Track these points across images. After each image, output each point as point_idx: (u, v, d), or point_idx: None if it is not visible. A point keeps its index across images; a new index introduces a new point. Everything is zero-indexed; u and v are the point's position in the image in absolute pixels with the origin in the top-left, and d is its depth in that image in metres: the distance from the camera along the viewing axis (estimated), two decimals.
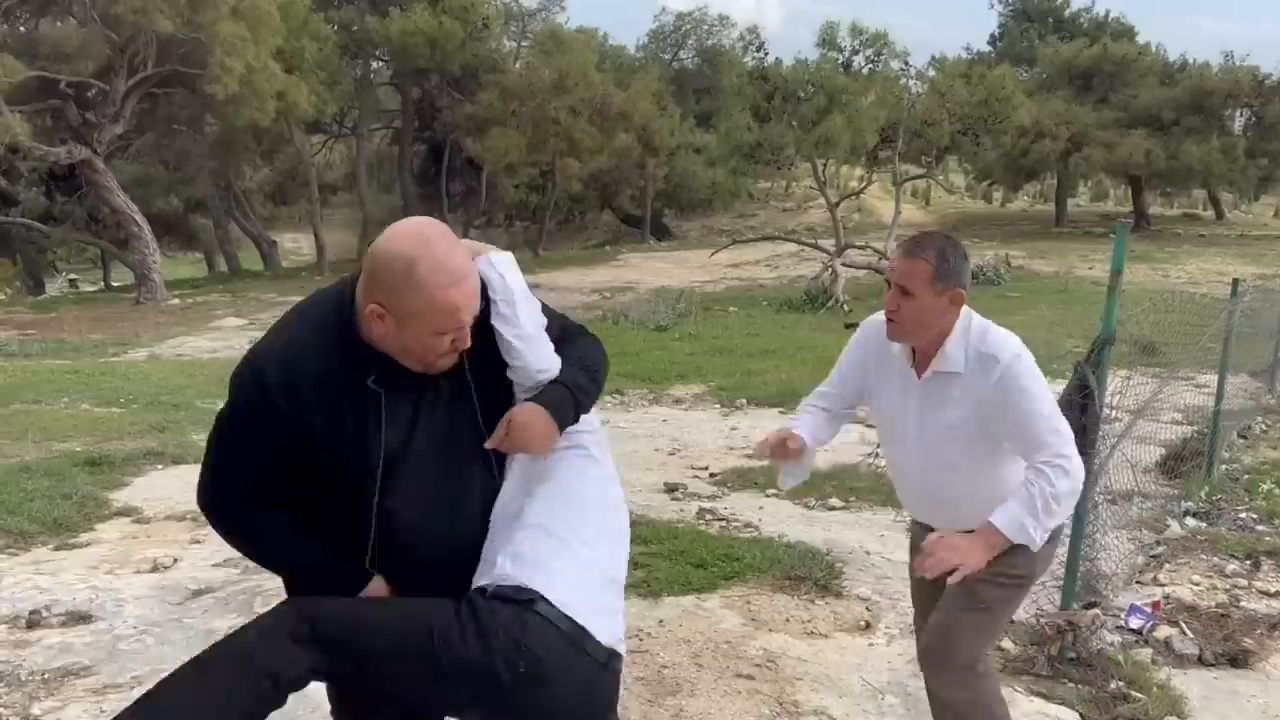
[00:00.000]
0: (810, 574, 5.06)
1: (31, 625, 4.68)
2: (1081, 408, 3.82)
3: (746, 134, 27.26)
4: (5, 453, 7.99)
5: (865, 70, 26.91)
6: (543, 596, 2.03)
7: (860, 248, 22.54)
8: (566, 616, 2.03)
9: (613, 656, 2.11)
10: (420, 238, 2.07)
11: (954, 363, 2.80)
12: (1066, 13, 47.63)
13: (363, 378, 2.09)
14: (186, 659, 2.04)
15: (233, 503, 2.19)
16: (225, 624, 4.65)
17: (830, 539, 5.72)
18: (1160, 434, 7.34)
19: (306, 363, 2.10)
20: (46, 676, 4.16)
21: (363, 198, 35.93)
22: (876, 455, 6.58)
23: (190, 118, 28.34)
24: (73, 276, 38.38)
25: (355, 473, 2.11)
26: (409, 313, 2.04)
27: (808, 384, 11.54)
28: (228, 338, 17.44)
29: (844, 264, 20.39)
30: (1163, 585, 5.09)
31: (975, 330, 2.83)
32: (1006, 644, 4.27)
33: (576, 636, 2.03)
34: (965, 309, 2.84)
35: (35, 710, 3.88)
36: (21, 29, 25.05)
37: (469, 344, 2.12)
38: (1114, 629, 4.44)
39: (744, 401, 10.35)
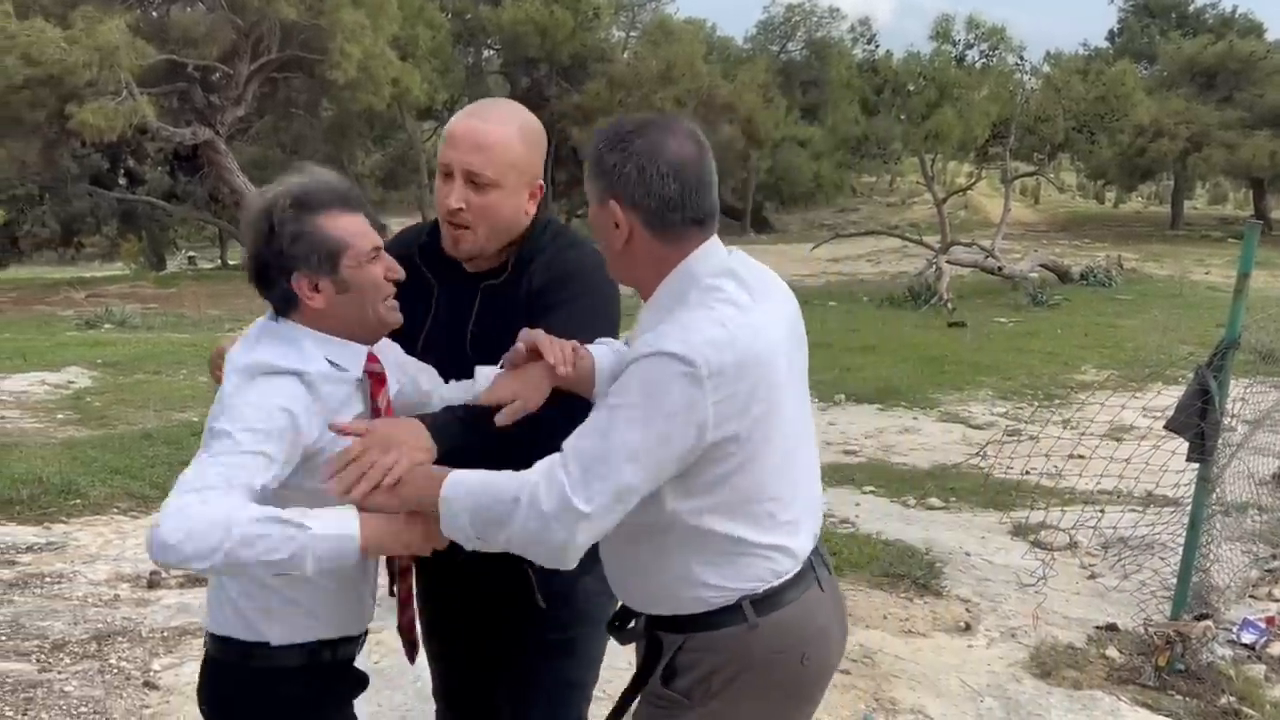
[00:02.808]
0: (909, 572, 5.02)
1: (152, 585, 4.90)
2: (1201, 413, 3.71)
3: (854, 127, 27.01)
4: (129, 420, 8.36)
5: (979, 64, 26.45)
6: None
7: (967, 245, 22.11)
8: None
9: None
10: None
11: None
12: (1191, 8, 46.04)
13: (415, 259, 2.20)
14: None
15: None
16: None
17: (929, 538, 5.66)
18: (1279, 445, 7.07)
19: (407, 237, 2.32)
20: (165, 634, 4.35)
21: None
22: (982, 454, 6.48)
23: (308, 102, 29.13)
24: (192, 254, 39.75)
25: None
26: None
27: (909, 381, 11.36)
28: None
29: (949, 261, 20.03)
30: (1277, 600, 4.92)
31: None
32: (1112, 652, 4.18)
33: None
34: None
35: (155, 666, 4.06)
36: (154, 14, 26.05)
37: (455, 206, 2.08)
38: (1225, 642, 4.30)
39: (842, 397, 10.25)
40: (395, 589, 2.17)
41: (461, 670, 2.49)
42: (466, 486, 1.78)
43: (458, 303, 2.20)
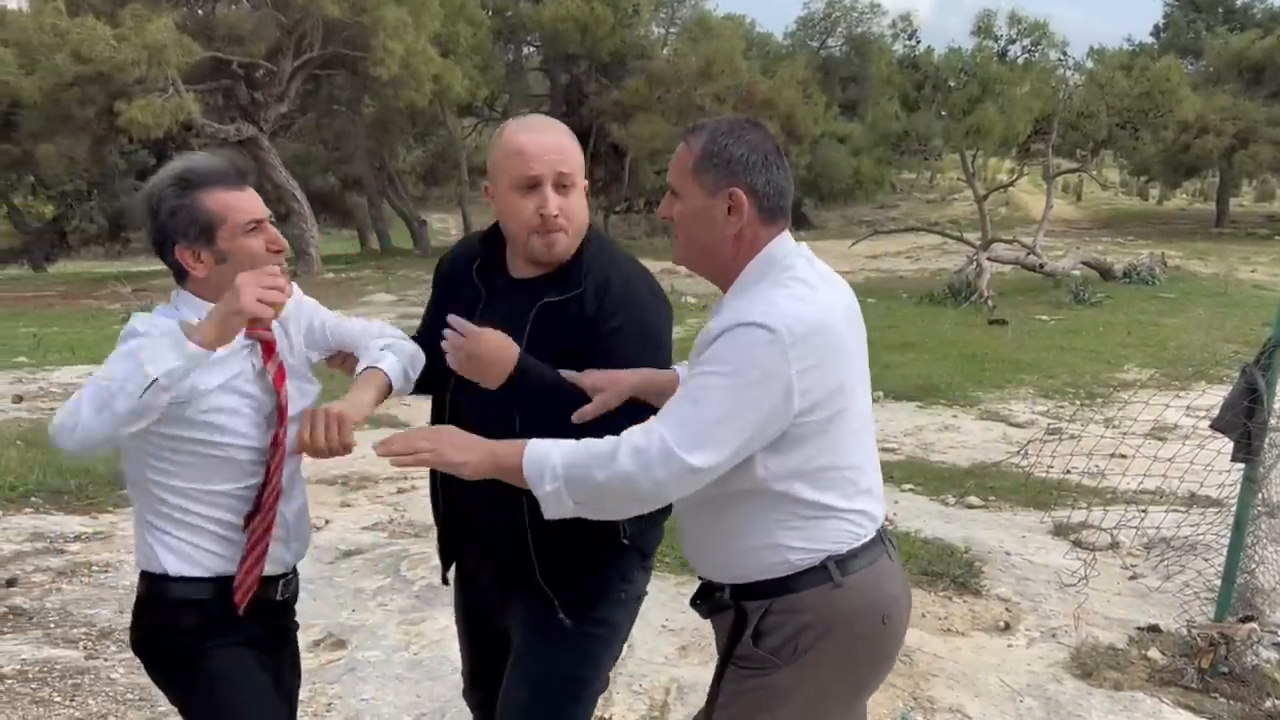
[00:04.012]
0: (948, 571, 4.99)
1: None
2: (1248, 412, 3.67)
3: (894, 123, 26.85)
4: None
5: (1021, 60, 26.20)
6: None
7: (1008, 242, 21.89)
8: None
9: None
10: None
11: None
12: (1238, 2, 45.28)
13: (472, 266, 2.34)
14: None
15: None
16: (373, 584, 4.85)
17: (968, 537, 5.63)
18: None
19: (461, 248, 2.47)
20: None
21: None
22: (1023, 453, 6.43)
23: (350, 99, 29.38)
24: None
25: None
26: (496, 170, 2.22)
27: (948, 379, 11.24)
28: (378, 312, 18.03)
29: (989, 258, 19.85)
30: None
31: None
32: (1154, 654, 4.14)
33: None
34: (779, 240, 1.99)
35: None
36: (200, 12, 26.42)
37: (554, 213, 2.16)
38: (1270, 645, 4.25)
39: (881, 394, 10.20)
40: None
41: (483, 650, 2.60)
42: (552, 443, 1.90)
43: (511, 318, 2.24)
